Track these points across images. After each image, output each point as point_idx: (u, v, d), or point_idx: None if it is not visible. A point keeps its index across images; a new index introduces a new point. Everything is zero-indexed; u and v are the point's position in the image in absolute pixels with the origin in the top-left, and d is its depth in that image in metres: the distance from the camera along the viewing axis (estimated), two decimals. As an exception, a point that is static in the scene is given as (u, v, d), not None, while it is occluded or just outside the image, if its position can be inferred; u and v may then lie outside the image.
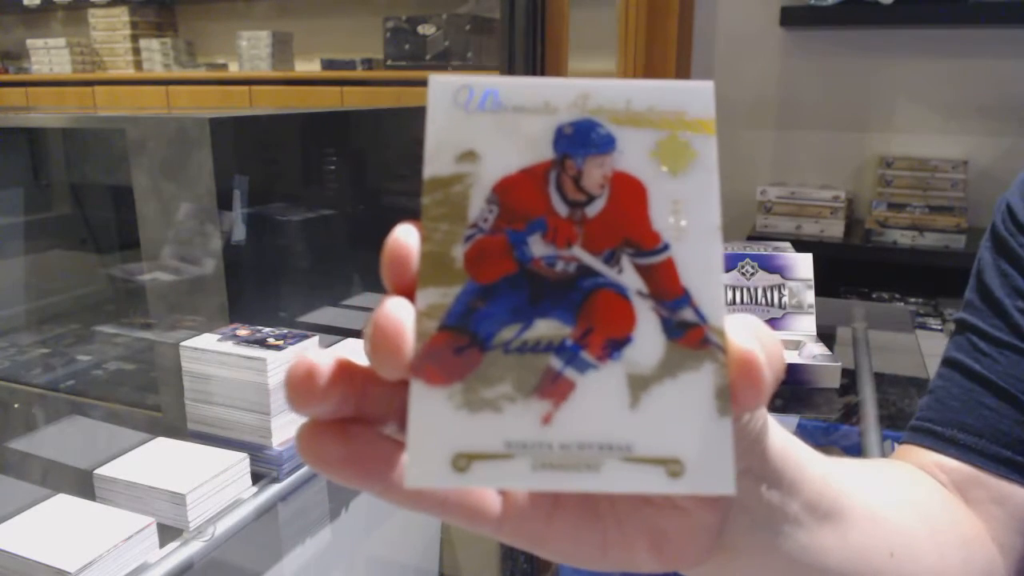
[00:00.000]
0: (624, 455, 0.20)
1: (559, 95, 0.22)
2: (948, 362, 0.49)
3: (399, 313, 0.20)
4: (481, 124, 0.21)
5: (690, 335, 0.20)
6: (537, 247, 0.21)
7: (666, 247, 0.21)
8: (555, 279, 0.21)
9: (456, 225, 0.21)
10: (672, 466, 0.20)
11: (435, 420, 0.20)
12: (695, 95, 0.22)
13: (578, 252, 0.21)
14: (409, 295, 0.20)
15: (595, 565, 0.26)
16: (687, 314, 0.21)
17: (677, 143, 0.21)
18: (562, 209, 0.21)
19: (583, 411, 0.20)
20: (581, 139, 0.21)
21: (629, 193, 0.21)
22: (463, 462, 0.20)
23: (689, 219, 0.21)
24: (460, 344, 0.20)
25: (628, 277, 0.21)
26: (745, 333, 0.21)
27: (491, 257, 0.21)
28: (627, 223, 0.21)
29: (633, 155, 0.21)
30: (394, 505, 0.22)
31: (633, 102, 0.22)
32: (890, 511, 0.37)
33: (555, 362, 0.20)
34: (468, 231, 0.21)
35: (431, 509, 0.23)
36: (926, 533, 0.39)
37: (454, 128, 0.21)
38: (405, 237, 0.21)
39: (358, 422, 0.22)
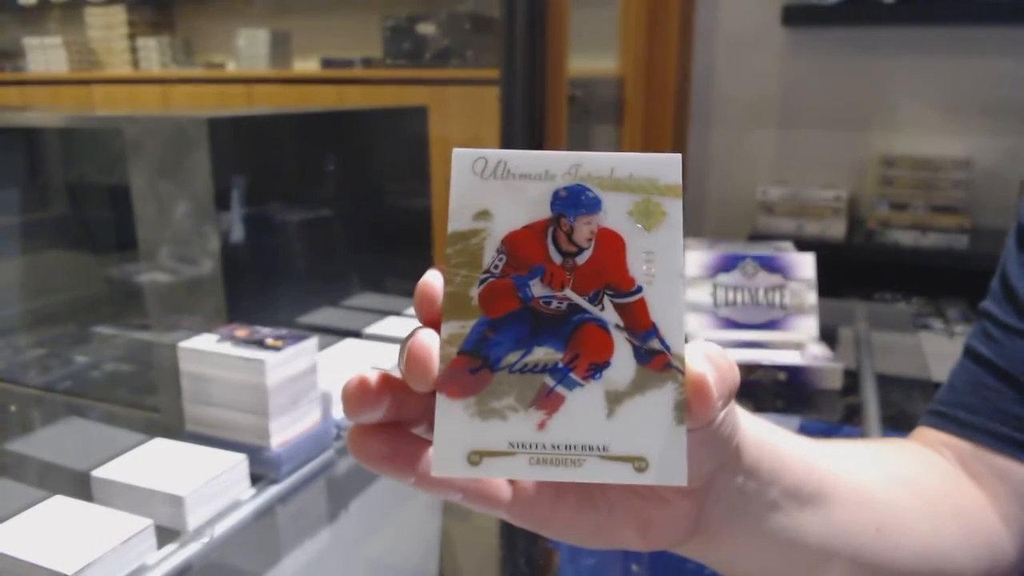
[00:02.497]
0: (601, 454, 0.25)
1: (556, 164, 0.26)
2: (964, 349, 0.52)
3: (427, 341, 0.25)
4: (494, 188, 0.26)
5: (656, 361, 0.25)
6: (537, 289, 0.26)
7: (639, 289, 0.26)
8: (551, 315, 0.26)
9: (473, 271, 0.26)
10: (639, 463, 0.25)
11: (455, 425, 0.25)
12: (666, 165, 0.26)
13: (569, 293, 0.26)
14: (435, 326, 0.26)
15: (591, 544, 0.32)
16: (654, 344, 0.25)
17: (650, 205, 0.26)
18: (557, 258, 0.26)
19: (570, 419, 0.25)
20: (573, 201, 0.26)
21: (611, 245, 0.26)
22: (476, 457, 0.25)
23: (658, 267, 0.26)
24: (474, 366, 0.25)
25: (608, 314, 0.26)
26: (700, 360, 0.26)
27: (500, 297, 0.26)
28: (609, 270, 0.26)
29: (615, 214, 0.26)
30: (424, 493, 0.28)
31: (616, 170, 0.26)
32: (880, 489, 0.40)
33: (549, 381, 0.26)
34: (482, 276, 0.26)
35: (455, 496, 0.29)
36: (920, 508, 0.42)
37: (472, 192, 0.26)
38: (433, 280, 0.26)
39: (396, 426, 0.27)
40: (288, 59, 3.12)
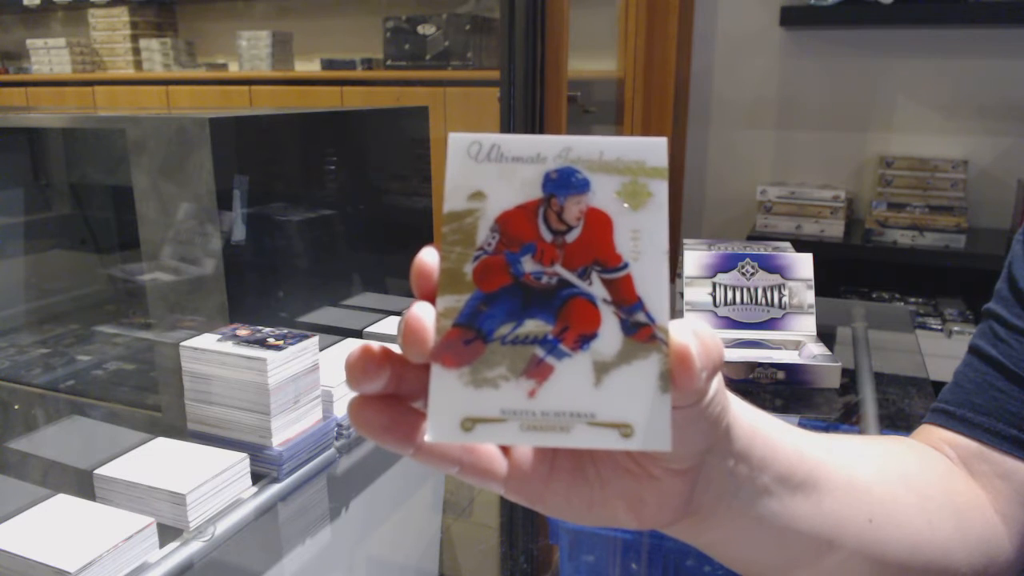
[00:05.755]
0: (589, 420, 0.26)
1: (548, 148, 0.27)
2: (970, 348, 0.52)
3: (424, 314, 0.26)
4: (487, 171, 0.27)
5: (642, 332, 0.26)
6: (528, 265, 0.27)
7: (626, 266, 0.27)
8: (541, 289, 0.27)
9: (467, 248, 0.27)
10: (624, 429, 0.26)
11: (449, 393, 0.26)
12: (652, 148, 0.27)
13: (559, 269, 0.27)
14: (431, 300, 0.27)
15: (583, 521, 0.32)
16: (640, 317, 0.27)
17: (637, 186, 0.27)
18: (548, 236, 0.27)
19: (559, 388, 0.26)
20: (564, 182, 0.27)
21: (599, 224, 0.27)
22: (469, 424, 0.26)
23: (644, 245, 0.27)
24: (468, 337, 0.26)
25: (596, 288, 0.27)
26: (684, 332, 0.27)
27: (493, 272, 0.27)
28: (597, 247, 0.27)
29: (603, 195, 0.27)
30: (422, 464, 0.29)
31: (604, 153, 0.27)
32: (873, 482, 0.41)
33: (539, 351, 0.27)
34: (476, 253, 0.27)
35: (451, 469, 0.29)
36: (915, 502, 0.42)
37: (467, 174, 0.27)
38: (429, 257, 0.27)
39: (396, 398, 0.28)
40: (289, 60, 3.13)
